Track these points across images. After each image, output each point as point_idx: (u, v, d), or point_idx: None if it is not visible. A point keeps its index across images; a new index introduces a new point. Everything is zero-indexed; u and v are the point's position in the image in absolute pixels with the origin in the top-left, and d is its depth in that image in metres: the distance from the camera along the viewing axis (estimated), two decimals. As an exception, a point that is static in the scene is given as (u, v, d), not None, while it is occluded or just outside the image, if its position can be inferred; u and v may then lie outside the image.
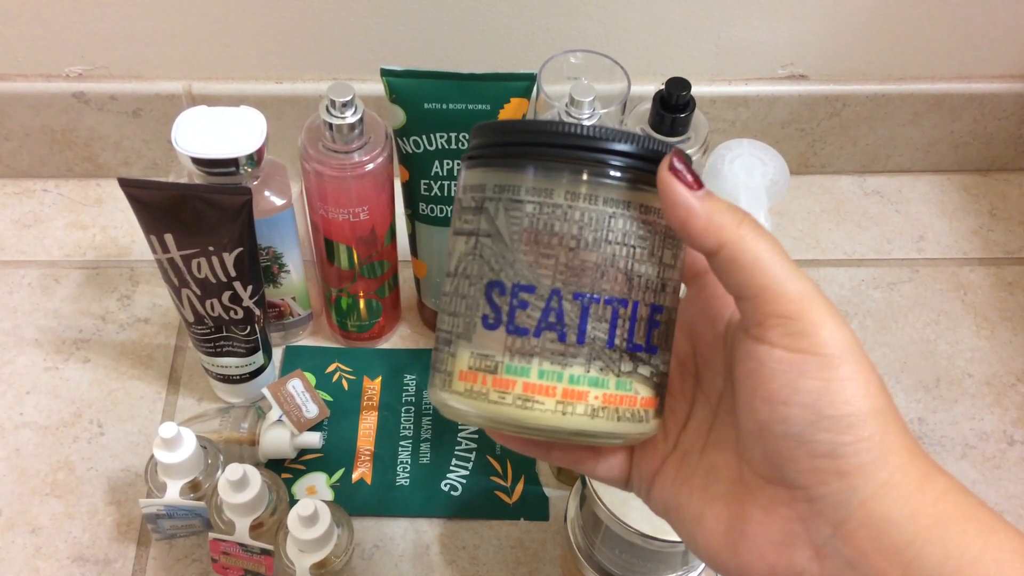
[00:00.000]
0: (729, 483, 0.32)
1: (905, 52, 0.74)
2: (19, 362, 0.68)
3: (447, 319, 0.33)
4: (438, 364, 0.33)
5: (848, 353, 0.29)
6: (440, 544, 0.61)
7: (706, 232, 0.30)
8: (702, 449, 0.34)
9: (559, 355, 0.31)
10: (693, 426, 0.35)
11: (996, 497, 0.64)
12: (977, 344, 0.72)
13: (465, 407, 0.32)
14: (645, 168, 0.31)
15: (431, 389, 0.34)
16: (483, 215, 0.32)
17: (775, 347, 0.29)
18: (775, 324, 0.30)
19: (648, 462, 0.35)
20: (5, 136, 0.76)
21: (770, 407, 0.29)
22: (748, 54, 0.73)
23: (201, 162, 0.55)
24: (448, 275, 0.33)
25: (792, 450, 0.29)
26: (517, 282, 0.31)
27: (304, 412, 0.64)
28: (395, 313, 0.70)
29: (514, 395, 0.31)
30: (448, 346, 0.33)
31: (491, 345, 0.31)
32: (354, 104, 0.55)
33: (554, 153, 0.31)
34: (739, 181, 0.57)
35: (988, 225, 0.79)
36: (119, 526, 0.61)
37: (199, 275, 0.56)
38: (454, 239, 0.33)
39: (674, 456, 0.35)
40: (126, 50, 0.71)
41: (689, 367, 0.36)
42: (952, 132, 0.79)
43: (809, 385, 0.29)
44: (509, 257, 0.31)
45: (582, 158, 0.31)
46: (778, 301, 0.29)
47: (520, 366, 0.31)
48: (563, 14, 0.69)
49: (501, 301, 0.31)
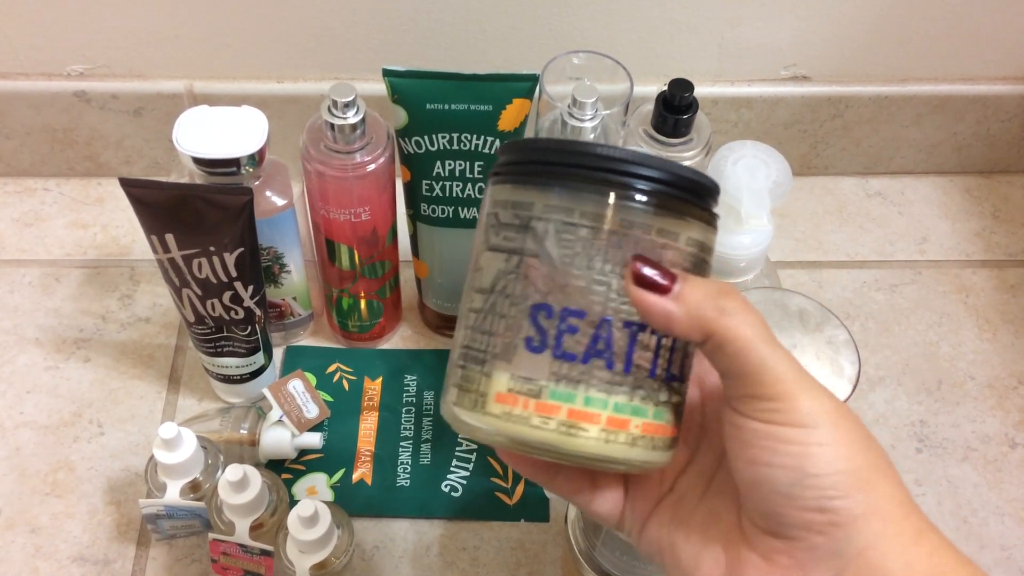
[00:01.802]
0: (728, 528, 0.33)
1: (908, 53, 0.74)
2: (19, 361, 0.68)
3: (479, 337, 0.32)
4: (464, 382, 0.32)
5: (824, 422, 0.30)
6: (440, 545, 0.61)
7: (691, 329, 0.30)
8: (702, 495, 0.35)
9: (605, 383, 0.31)
10: (693, 472, 0.36)
11: (997, 500, 0.64)
12: (979, 346, 0.72)
13: (500, 430, 0.31)
14: (696, 201, 0.32)
15: (445, 405, 0.33)
16: (529, 234, 0.31)
17: (753, 420, 0.31)
18: (750, 402, 0.31)
19: (643, 502, 0.36)
20: (6, 135, 0.75)
21: (754, 468, 0.31)
22: (751, 55, 0.73)
23: (202, 162, 0.55)
24: (478, 290, 0.32)
25: (781, 505, 0.31)
26: (567, 306, 0.31)
27: (304, 412, 0.64)
28: (396, 313, 0.70)
29: (558, 421, 0.31)
30: (480, 365, 0.32)
31: (535, 369, 0.31)
32: (356, 104, 0.55)
33: (617, 180, 0.31)
34: (742, 183, 0.57)
35: (991, 227, 0.79)
36: (119, 526, 0.61)
37: (200, 275, 0.56)
38: (488, 254, 0.32)
39: (669, 499, 0.35)
40: (127, 49, 0.71)
41: (696, 415, 0.37)
42: (955, 134, 0.79)
43: (789, 449, 0.30)
44: (559, 280, 0.31)
45: (646, 188, 0.31)
46: (757, 384, 0.30)
47: (566, 392, 0.31)
48: (566, 15, 0.69)
49: (548, 324, 0.31)
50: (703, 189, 0.32)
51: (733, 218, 0.57)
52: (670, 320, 0.30)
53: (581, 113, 0.56)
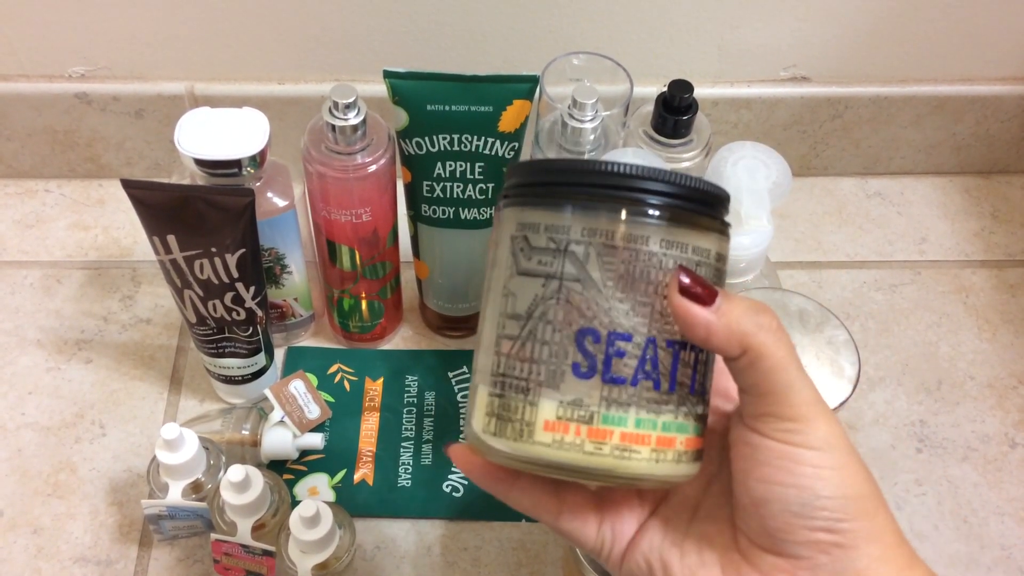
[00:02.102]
0: (724, 550, 0.34)
1: (907, 54, 0.74)
2: (21, 362, 0.68)
3: (519, 364, 0.32)
4: (504, 411, 0.32)
5: (837, 447, 0.32)
6: (442, 545, 0.61)
7: (728, 343, 0.31)
8: (690, 519, 0.35)
9: (654, 403, 0.31)
10: (676, 500, 0.36)
11: (997, 500, 0.64)
12: (979, 346, 0.72)
13: (550, 458, 0.31)
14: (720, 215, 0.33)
15: (475, 435, 0.33)
16: (568, 258, 0.31)
17: (768, 438, 0.32)
18: (771, 422, 0.32)
19: (623, 524, 0.36)
20: (7, 136, 0.76)
21: (767, 486, 0.32)
22: (750, 56, 0.73)
23: (204, 163, 0.55)
24: (512, 316, 0.32)
25: (790, 524, 0.31)
26: (613, 330, 0.31)
27: (306, 413, 0.64)
28: (397, 314, 0.70)
29: (611, 445, 0.31)
30: (523, 394, 0.31)
31: (584, 394, 0.31)
32: (357, 106, 0.55)
33: (657, 201, 0.31)
34: (741, 183, 0.57)
35: (990, 227, 0.80)
36: (121, 527, 0.61)
37: (201, 276, 0.56)
38: (520, 279, 0.32)
39: (655, 521, 0.36)
40: (128, 51, 0.71)
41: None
42: (954, 134, 0.79)
43: (804, 471, 0.31)
44: (604, 304, 0.31)
45: (685, 207, 0.31)
46: (781, 405, 0.31)
47: (617, 415, 0.31)
48: (565, 16, 0.69)
49: (595, 349, 0.31)
50: (724, 201, 0.33)
51: (733, 219, 0.57)
52: (710, 332, 0.31)
53: (581, 114, 0.56)
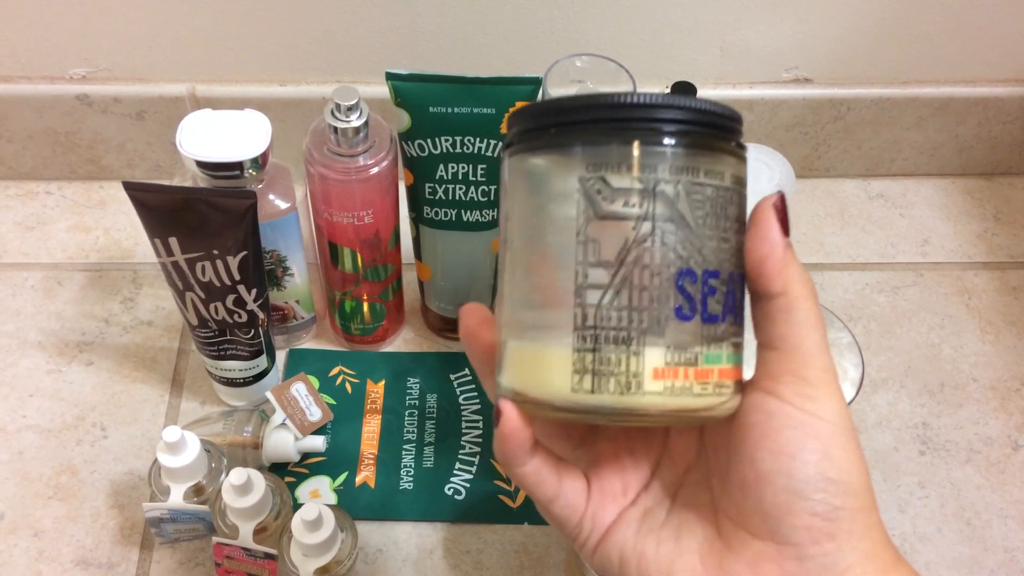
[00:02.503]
0: (704, 539, 0.33)
1: (910, 56, 0.74)
2: (22, 365, 0.68)
3: (616, 315, 0.30)
4: (601, 365, 0.30)
5: (846, 428, 0.31)
6: (444, 548, 0.61)
7: (778, 275, 0.31)
8: (669, 508, 0.35)
9: (734, 336, 0.31)
10: (656, 488, 0.36)
11: (1000, 502, 0.64)
12: (981, 348, 0.72)
13: (662, 406, 0.30)
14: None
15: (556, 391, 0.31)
16: (659, 199, 0.30)
17: (785, 403, 0.31)
18: (792, 382, 0.31)
19: (604, 510, 0.35)
20: (8, 138, 0.76)
21: (775, 458, 0.31)
22: (753, 57, 0.73)
23: (206, 165, 0.55)
24: (598, 264, 0.30)
25: (792, 504, 0.30)
26: (706, 268, 0.30)
27: (307, 415, 0.64)
28: (399, 316, 0.70)
29: (713, 384, 0.31)
30: (626, 345, 0.30)
31: (688, 337, 0.30)
32: (359, 108, 0.55)
33: (731, 133, 0.31)
34: (744, 185, 0.57)
35: (992, 229, 0.79)
36: (122, 530, 0.61)
37: (203, 278, 0.56)
38: (600, 223, 0.30)
39: (633, 510, 0.35)
40: (130, 52, 0.71)
41: (658, 433, 0.37)
42: (956, 136, 0.79)
43: (816, 445, 0.30)
44: (696, 243, 0.30)
45: (739, 138, 0.32)
46: (806, 364, 0.31)
47: (715, 354, 0.31)
48: (568, 18, 0.69)
49: (694, 290, 0.30)
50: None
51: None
52: (772, 253, 0.31)
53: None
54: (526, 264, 0.32)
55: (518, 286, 0.32)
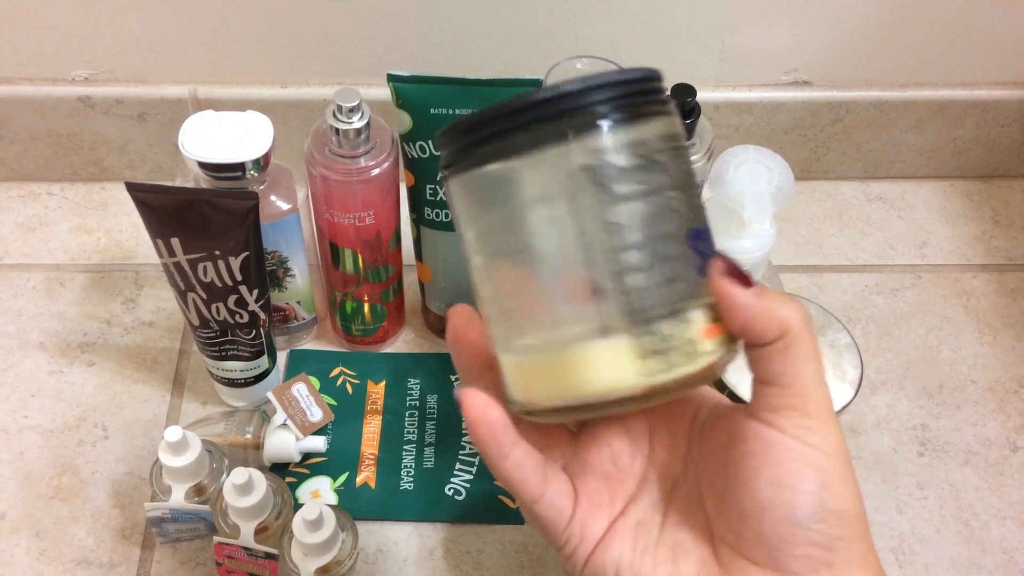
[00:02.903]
0: (701, 564, 0.33)
1: (908, 59, 0.74)
2: (24, 365, 0.68)
3: (658, 291, 0.30)
4: (663, 343, 0.30)
5: (844, 460, 0.31)
6: (444, 548, 0.61)
7: (769, 325, 0.31)
8: (662, 524, 0.34)
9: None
10: (645, 502, 0.35)
11: (999, 504, 0.64)
12: (980, 350, 0.72)
13: (715, 364, 0.31)
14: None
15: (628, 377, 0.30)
16: (659, 169, 0.30)
17: (786, 435, 0.31)
18: (791, 415, 0.31)
19: (594, 519, 0.34)
20: (10, 139, 0.76)
21: (776, 489, 0.31)
22: (752, 60, 0.73)
23: (208, 166, 0.55)
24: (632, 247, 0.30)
25: (791, 534, 0.31)
26: (702, 224, 0.32)
27: (308, 416, 0.64)
28: (399, 317, 0.70)
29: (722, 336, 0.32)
30: (676, 316, 0.30)
31: (708, 293, 0.31)
32: (361, 109, 0.55)
33: (670, 100, 0.33)
34: (744, 187, 0.57)
35: (991, 231, 0.80)
36: (123, 530, 0.61)
37: (205, 279, 0.56)
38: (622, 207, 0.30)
39: (624, 522, 0.34)
40: (132, 54, 0.71)
41: (642, 445, 0.36)
42: (955, 139, 0.80)
43: (816, 476, 0.31)
44: (693, 202, 0.31)
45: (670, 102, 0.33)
46: (806, 398, 0.31)
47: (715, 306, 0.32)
48: (568, 20, 0.69)
49: (704, 246, 0.31)
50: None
51: (736, 222, 0.58)
52: (754, 313, 0.31)
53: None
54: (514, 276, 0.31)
55: (509, 300, 0.32)
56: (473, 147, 0.31)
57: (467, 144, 0.31)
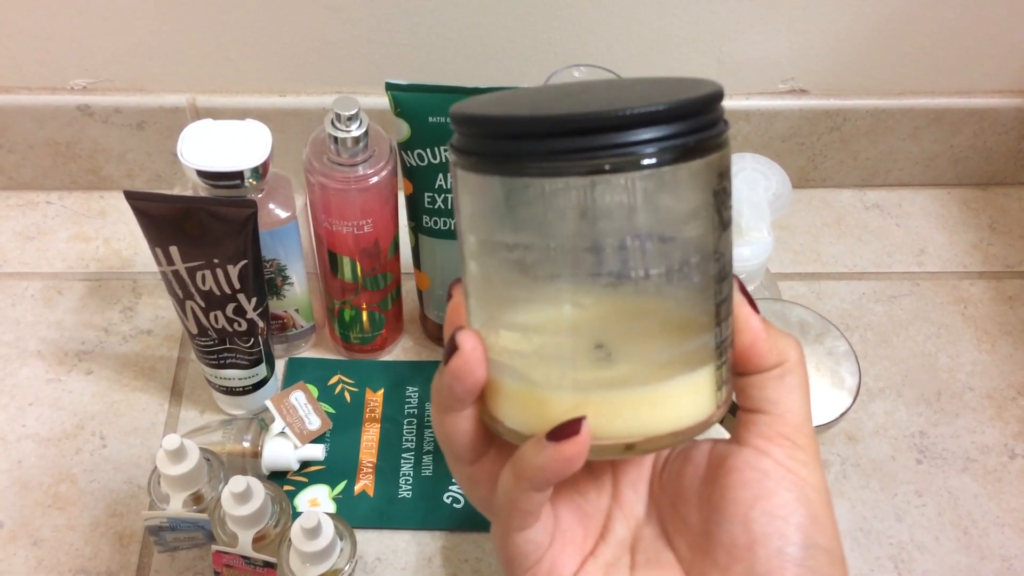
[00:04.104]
0: None
1: (905, 67, 0.74)
2: (22, 374, 0.68)
3: (728, 324, 0.30)
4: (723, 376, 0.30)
5: (828, 498, 0.32)
6: (443, 557, 0.61)
7: (769, 352, 0.31)
8: (631, 566, 0.33)
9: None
10: (613, 541, 0.34)
11: (998, 511, 0.64)
12: (978, 358, 0.72)
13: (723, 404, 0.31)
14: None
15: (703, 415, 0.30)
16: (727, 205, 0.29)
17: (779, 465, 0.31)
18: (783, 445, 0.31)
19: (564, 556, 0.33)
20: (9, 148, 0.76)
21: (771, 520, 0.30)
22: (749, 69, 0.73)
23: (206, 175, 0.55)
24: (725, 278, 0.29)
25: (783, 570, 0.30)
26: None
27: (306, 424, 0.64)
28: (398, 325, 0.70)
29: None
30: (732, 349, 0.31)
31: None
32: (359, 118, 0.55)
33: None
34: (742, 195, 0.57)
35: (988, 239, 0.80)
36: (121, 538, 0.61)
37: (203, 287, 0.57)
38: (724, 235, 0.29)
39: (594, 563, 0.33)
40: (130, 63, 0.71)
41: (605, 484, 0.35)
42: (952, 147, 0.80)
43: (805, 511, 0.30)
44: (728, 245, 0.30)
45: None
46: (798, 430, 0.31)
47: None
48: (566, 29, 0.69)
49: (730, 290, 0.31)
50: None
51: (734, 231, 0.58)
52: (759, 336, 0.31)
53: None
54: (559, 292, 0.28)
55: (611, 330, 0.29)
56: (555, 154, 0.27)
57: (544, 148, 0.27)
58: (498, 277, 0.29)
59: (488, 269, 0.30)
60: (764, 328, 0.31)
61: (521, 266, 0.28)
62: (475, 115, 0.29)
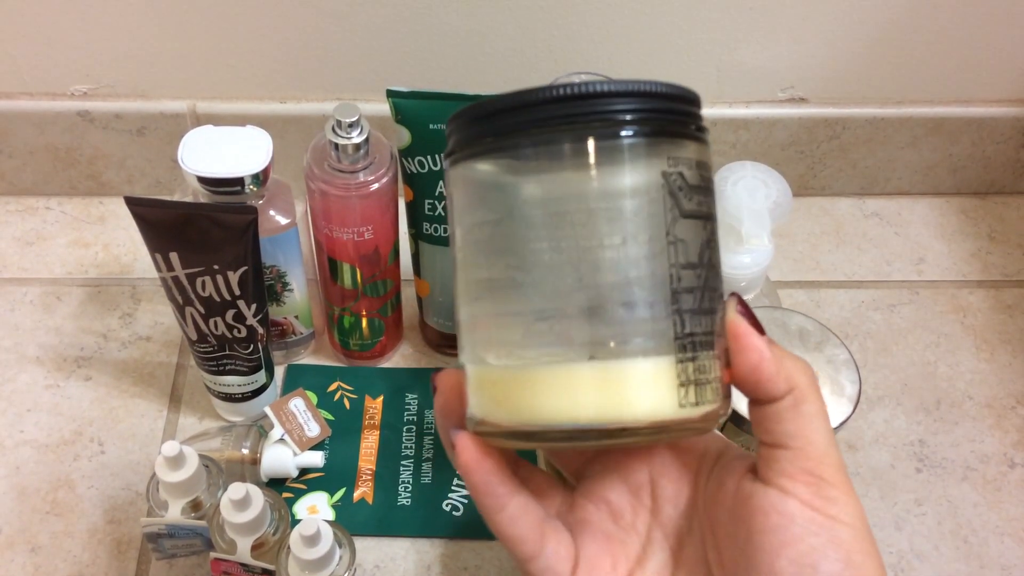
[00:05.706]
0: None
1: (904, 76, 0.74)
2: (20, 380, 0.68)
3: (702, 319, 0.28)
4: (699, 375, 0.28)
5: (867, 528, 0.29)
6: (442, 564, 0.61)
7: (777, 376, 0.29)
8: None
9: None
10: (652, 567, 0.32)
11: (997, 520, 0.64)
12: (977, 366, 0.72)
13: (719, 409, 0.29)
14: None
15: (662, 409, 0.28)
16: (711, 196, 0.29)
17: (805, 506, 0.29)
18: (808, 482, 0.29)
19: None
20: (9, 154, 0.76)
21: (798, 569, 0.28)
22: (749, 77, 0.73)
23: (207, 181, 0.55)
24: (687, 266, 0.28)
25: None
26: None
27: (306, 431, 0.64)
28: (397, 332, 0.70)
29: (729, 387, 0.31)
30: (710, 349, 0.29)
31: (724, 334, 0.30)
32: (360, 124, 0.55)
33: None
34: (742, 203, 0.57)
35: (987, 248, 0.80)
36: (119, 545, 0.61)
37: (203, 293, 0.56)
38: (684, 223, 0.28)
39: None
40: (131, 69, 0.71)
41: (644, 499, 0.33)
42: (951, 155, 0.80)
43: (838, 554, 0.28)
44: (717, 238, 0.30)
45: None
46: (821, 462, 0.29)
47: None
48: (566, 36, 0.70)
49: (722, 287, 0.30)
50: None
51: (734, 238, 0.58)
52: (763, 361, 0.29)
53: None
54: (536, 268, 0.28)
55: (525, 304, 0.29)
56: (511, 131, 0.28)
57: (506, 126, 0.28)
58: (470, 261, 0.30)
59: (464, 254, 0.30)
60: (769, 348, 0.29)
61: (480, 244, 0.29)
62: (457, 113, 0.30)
